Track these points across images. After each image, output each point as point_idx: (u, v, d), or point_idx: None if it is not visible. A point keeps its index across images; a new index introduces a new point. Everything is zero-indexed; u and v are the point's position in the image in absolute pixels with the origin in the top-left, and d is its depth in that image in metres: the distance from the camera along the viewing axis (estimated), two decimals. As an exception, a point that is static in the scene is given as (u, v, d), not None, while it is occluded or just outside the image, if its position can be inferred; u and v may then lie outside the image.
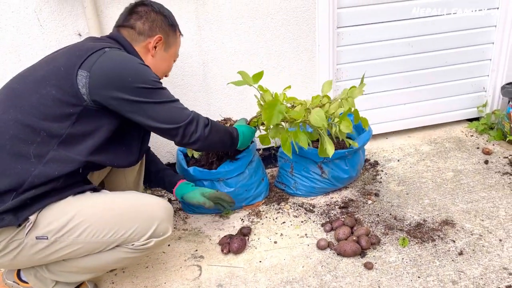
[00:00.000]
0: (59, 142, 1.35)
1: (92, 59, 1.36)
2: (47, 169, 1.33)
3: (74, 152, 1.37)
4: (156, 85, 1.44)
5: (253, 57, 2.26)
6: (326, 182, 2.13)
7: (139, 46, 1.57)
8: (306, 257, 1.78)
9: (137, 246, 1.45)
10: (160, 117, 1.44)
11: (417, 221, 1.94)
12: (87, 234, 1.38)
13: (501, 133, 2.61)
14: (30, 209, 1.33)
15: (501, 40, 2.60)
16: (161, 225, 1.47)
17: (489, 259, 1.68)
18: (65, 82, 1.34)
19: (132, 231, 1.42)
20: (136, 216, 1.44)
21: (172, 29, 1.65)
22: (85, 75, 1.34)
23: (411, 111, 2.72)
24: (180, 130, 1.49)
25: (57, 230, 1.36)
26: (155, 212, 1.48)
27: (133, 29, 1.56)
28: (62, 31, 1.97)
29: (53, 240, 1.36)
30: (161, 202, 1.53)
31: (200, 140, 1.54)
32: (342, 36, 2.39)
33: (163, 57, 1.64)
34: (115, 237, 1.41)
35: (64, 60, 1.38)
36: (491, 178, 2.23)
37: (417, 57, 2.56)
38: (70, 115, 1.36)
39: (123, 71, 1.38)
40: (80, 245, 1.39)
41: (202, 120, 1.56)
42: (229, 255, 1.82)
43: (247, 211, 2.11)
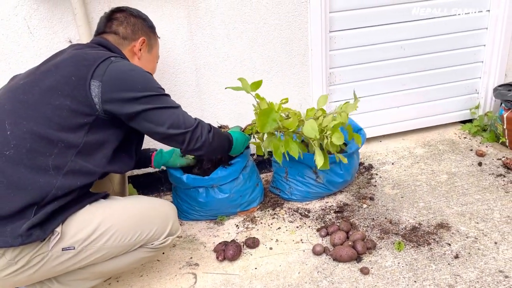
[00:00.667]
0: (76, 153, 1.37)
1: (102, 68, 1.40)
2: (68, 180, 1.34)
3: (92, 162, 1.40)
4: (162, 92, 1.50)
5: (246, 61, 2.25)
6: (321, 186, 2.13)
7: (125, 50, 1.62)
8: (302, 263, 1.77)
9: (156, 245, 1.52)
10: (168, 122, 1.47)
11: (412, 224, 1.93)
12: (115, 239, 1.41)
13: (494, 135, 2.62)
14: (54, 221, 1.33)
15: (492, 42, 2.62)
16: (175, 224, 1.58)
17: (485, 262, 1.68)
18: (79, 92, 1.37)
19: (154, 231, 1.49)
20: (155, 217, 1.51)
21: (152, 31, 1.71)
22: (98, 85, 1.38)
23: (404, 114, 2.72)
24: (188, 135, 1.52)
25: (84, 239, 1.37)
26: (168, 212, 1.57)
27: (117, 35, 1.61)
28: (52, 38, 1.96)
29: (80, 249, 1.37)
30: (168, 202, 1.63)
31: (205, 145, 1.57)
32: (335, 40, 2.39)
33: (148, 59, 1.70)
34: (140, 238, 1.47)
35: (72, 70, 1.39)
36: (485, 180, 2.23)
37: (409, 60, 2.57)
38: (84, 125, 1.38)
39: (132, 79, 1.43)
40: (106, 250, 1.41)
41: (206, 126, 1.60)
42: (224, 262, 1.81)
43: (242, 217, 2.10)
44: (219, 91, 2.27)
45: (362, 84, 2.56)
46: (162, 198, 2.35)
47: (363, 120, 2.56)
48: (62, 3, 1.90)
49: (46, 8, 1.90)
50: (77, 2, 1.85)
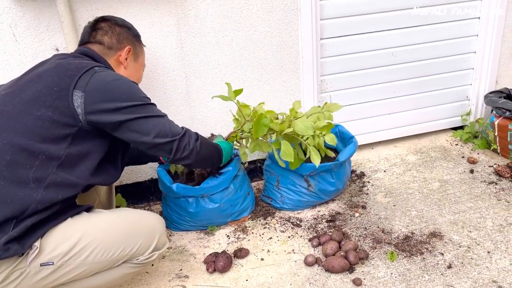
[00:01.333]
0: (58, 165, 1.33)
1: (85, 78, 1.37)
2: (50, 193, 1.30)
3: (74, 174, 1.36)
4: (147, 101, 1.47)
5: (236, 69, 2.23)
6: (312, 195, 2.10)
7: (111, 60, 1.59)
8: (293, 274, 1.74)
9: (142, 260, 1.47)
10: (154, 131, 1.44)
11: (405, 233, 1.91)
12: (96, 254, 1.36)
13: (486, 142, 2.62)
14: (33, 235, 1.28)
15: (483, 50, 2.62)
16: (161, 238, 1.52)
17: (478, 272, 1.67)
18: (61, 103, 1.33)
19: (138, 246, 1.44)
20: (139, 231, 1.46)
21: (137, 40, 1.70)
22: (80, 95, 1.34)
23: (396, 121, 2.71)
24: (175, 144, 1.48)
25: (64, 254, 1.32)
26: (154, 226, 1.51)
27: (102, 45, 1.58)
28: (38, 46, 1.92)
29: (59, 265, 1.32)
30: (156, 215, 1.58)
31: (192, 154, 1.54)
32: (326, 47, 2.38)
33: (135, 67, 1.68)
34: (123, 253, 1.42)
35: (55, 80, 1.36)
36: (477, 188, 2.23)
37: (400, 67, 2.57)
38: (66, 136, 1.35)
39: (116, 89, 1.40)
40: (87, 266, 1.36)
41: (193, 135, 1.57)
42: (214, 274, 1.78)
43: (233, 227, 2.06)
44: (209, 99, 2.24)
45: (354, 91, 2.55)
46: (151, 207, 2.32)
47: (354, 128, 2.54)
48: (49, 10, 1.87)
49: (32, 16, 1.86)
50: (63, 10, 1.82)
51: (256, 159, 2.47)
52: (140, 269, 1.50)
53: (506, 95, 2.56)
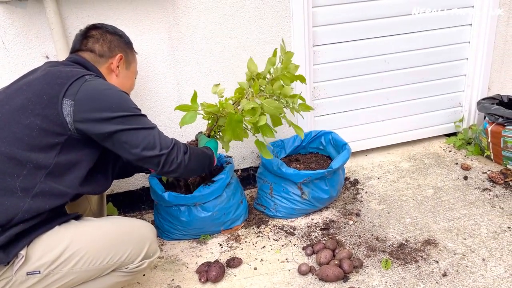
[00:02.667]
0: (46, 174, 1.31)
1: (75, 87, 1.35)
2: (37, 202, 1.28)
3: (63, 184, 1.34)
4: (137, 112, 1.44)
5: (229, 76, 2.22)
6: (306, 203, 2.09)
7: (102, 68, 1.57)
8: (287, 283, 1.71)
9: (131, 268, 1.44)
10: (143, 144, 1.42)
11: (399, 241, 1.90)
12: (83, 262, 1.34)
13: (479, 148, 2.62)
14: (18, 244, 1.26)
15: (475, 56, 2.63)
16: (152, 246, 1.49)
17: (473, 280, 1.65)
18: (50, 111, 1.31)
19: (127, 254, 1.41)
20: (129, 239, 1.43)
21: (129, 47, 1.67)
22: (70, 104, 1.32)
23: (389, 128, 2.71)
24: (163, 158, 1.46)
25: (51, 262, 1.29)
26: (145, 234, 1.49)
27: (93, 52, 1.56)
28: (28, 54, 1.90)
29: (46, 274, 1.30)
30: (146, 223, 1.55)
31: (180, 168, 1.51)
32: (318, 54, 2.38)
33: (126, 75, 1.66)
34: (112, 262, 1.39)
35: (44, 88, 1.34)
36: (471, 195, 2.22)
37: (393, 73, 2.57)
38: (55, 145, 1.33)
39: (106, 98, 1.38)
40: (75, 275, 1.34)
41: (182, 147, 1.54)
42: (207, 284, 1.75)
43: (225, 236, 2.04)
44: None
45: (346, 98, 2.54)
46: (143, 216, 2.29)
47: (348, 135, 2.53)
48: (38, 18, 1.85)
49: (21, 23, 1.84)
50: (53, 17, 1.80)
51: (249, 166, 2.45)
52: (131, 278, 1.48)
53: (498, 102, 2.57)
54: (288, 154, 2.37)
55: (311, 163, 2.27)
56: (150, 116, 2.13)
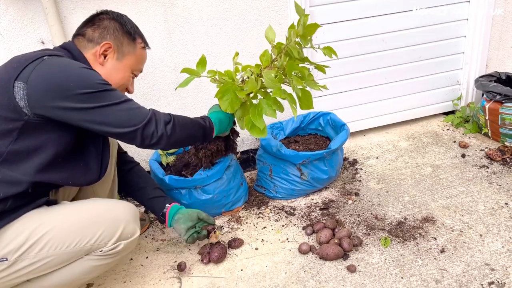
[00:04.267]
0: (0, 161, 1.27)
1: (29, 69, 1.26)
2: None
3: (19, 171, 1.28)
4: (102, 88, 1.32)
5: (226, 58, 2.21)
6: (305, 183, 2.10)
7: (88, 53, 1.47)
8: (288, 262, 1.74)
9: (105, 251, 1.40)
10: (113, 121, 1.32)
11: (398, 219, 1.92)
12: (50, 247, 1.32)
13: (477, 126, 2.63)
14: None
15: (473, 33, 2.62)
16: (127, 227, 1.43)
17: (471, 256, 1.68)
18: (2, 96, 1.25)
19: (97, 236, 1.37)
20: (99, 221, 1.38)
21: (128, 37, 1.52)
22: (22, 87, 1.24)
23: (387, 107, 2.71)
24: (138, 132, 1.36)
25: (17, 248, 1.29)
26: (119, 214, 1.43)
27: (83, 37, 1.47)
28: (24, 39, 1.88)
29: (14, 260, 1.29)
30: (124, 203, 1.49)
31: (162, 139, 1.41)
32: (316, 34, 2.36)
33: (116, 67, 1.50)
34: (80, 245, 1.35)
35: (1, 74, 1.29)
36: (468, 172, 2.24)
37: (391, 52, 2.56)
38: (11, 131, 1.26)
39: (63, 77, 1.27)
40: (44, 260, 1.32)
41: (162, 118, 1.42)
42: (209, 264, 1.77)
43: (226, 217, 2.06)
44: (200, 90, 2.22)
45: (344, 79, 2.54)
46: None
47: (346, 115, 2.54)
48: (33, 3, 1.83)
49: (16, 9, 1.82)
50: (48, 2, 1.79)
51: (248, 149, 2.46)
52: (109, 261, 1.44)
53: (496, 79, 2.56)
54: (287, 136, 2.38)
55: (310, 144, 2.28)
56: (149, 100, 2.14)
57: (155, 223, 2.08)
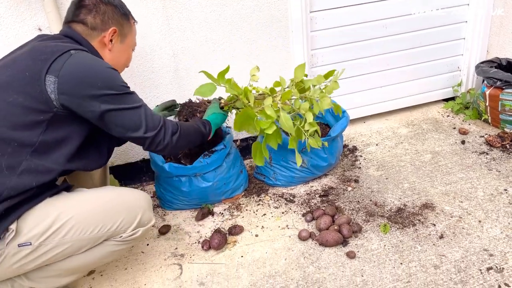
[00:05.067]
0: (31, 151, 1.30)
1: (59, 63, 1.30)
2: (24, 180, 1.28)
3: (49, 161, 1.33)
4: (124, 90, 1.40)
5: (225, 45, 2.19)
6: (305, 171, 2.11)
7: (94, 42, 1.49)
8: (288, 249, 1.75)
9: (125, 237, 1.46)
10: (128, 124, 1.40)
11: (397, 206, 1.93)
12: (74, 232, 1.35)
13: (477, 112, 2.62)
14: (8, 218, 1.27)
15: (474, 19, 2.60)
16: (145, 214, 1.50)
17: (470, 241, 1.69)
18: (33, 88, 1.28)
19: (119, 223, 1.42)
20: (120, 208, 1.44)
21: (125, 18, 1.57)
22: (53, 80, 1.28)
23: (387, 94, 2.70)
24: (149, 139, 1.44)
25: (41, 233, 1.31)
26: (137, 202, 1.49)
27: (85, 25, 1.47)
28: (21, 26, 1.86)
29: (38, 245, 1.32)
30: (140, 192, 1.55)
31: (167, 148, 1.50)
32: (316, 20, 2.34)
33: (121, 49, 1.57)
34: (103, 231, 1.40)
35: (28, 64, 1.30)
36: (468, 159, 2.24)
37: (392, 39, 2.54)
38: (40, 122, 1.30)
39: (91, 75, 1.33)
40: (66, 245, 1.35)
41: (170, 128, 1.50)
42: (209, 251, 1.79)
43: (226, 205, 2.07)
44: (199, 77, 2.21)
45: (344, 65, 2.52)
46: (144, 187, 2.31)
47: (346, 102, 2.53)
48: (29, -11, 1.81)
49: (12, -5, 1.80)
50: (44, -12, 1.76)
51: (248, 136, 2.46)
52: (126, 247, 1.49)
53: (497, 65, 2.55)
54: (287, 123, 2.38)
55: (310, 131, 2.28)
56: (147, 87, 2.13)
57: (155, 210, 2.09)
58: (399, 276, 1.56)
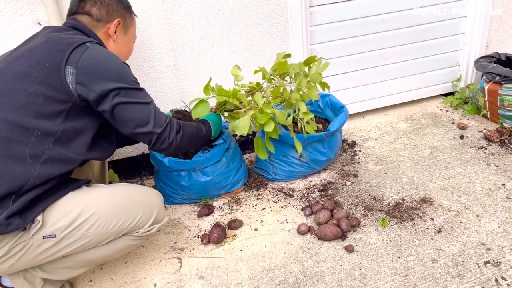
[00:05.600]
0: (54, 140, 1.33)
1: (76, 54, 1.34)
2: (47, 168, 1.31)
3: (70, 150, 1.37)
4: (135, 85, 1.43)
5: (225, 40, 2.19)
6: (304, 165, 2.11)
7: (100, 33, 1.54)
8: (287, 243, 1.76)
9: (142, 233, 1.50)
10: (136, 118, 1.43)
11: (396, 200, 1.94)
12: (97, 226, 1.38)
13: (476, 107, 2.63)
14: (34, 209, 1.30)
15: (473, 14, 2.60)
16: (160, 211, 1.56)
17: (467, 235, 1.70)
18: (54, 79, 1.31)
19: (138, 219, 1.47)
20: (140, 205, 1.49)
21: (127, 11, 1.62)
22: (72, 71, 1.32)
23: (387, 89, 2.71)
24: (154, 136, 1.47)
25: (66, 226, 1.34)
26: (153, 200, 1.55)
27: (90, 16, 1.51)
28: (20, 20, 1.86)
29: (62, 237, 1.34)
30: (153, 190, 1.61)
31: (171, 147, 1.54)
32: (315, 15, 2.34)
33: (124, 41, 1.63)
34: (124, 226, 1.44)
35: (46, 56, 1.33)
36: (466, 153, 2.25)
37: (391, 33, 2.54)
38: (61, 112, 1.34)
39: (107, 68, 1.37)
40: (89, 238, 1.39)
41: (175, 127, 1.54)
42: (209, 245, 1.80)
43: (226, 199, 2.08)
44: (198, 71, 2.21)
45: (344, 60, 2.52)
46: (144, 182, 2.32)
47: (345, 97, 2.53)
48: (28, -17, 1.81)
49: (11, -11, 1.80)
50: (43, -18, 1.76)
51: (247, 131, 2.46)
52: (140, 242, 1.54)
53: (496, 60, 2.55)
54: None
55: (309, 126, 2.28)
56: (147, 82, 2.13)
57: (155, 204, 2.10)
58: (397, 270, 1.57)
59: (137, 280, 1.66)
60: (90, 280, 1.68)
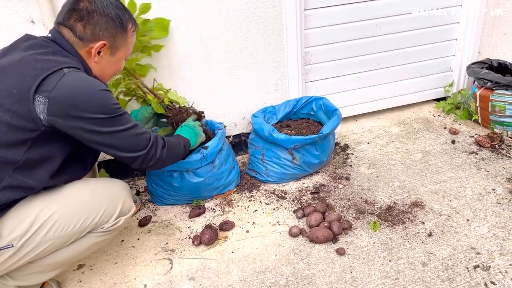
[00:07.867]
0: (14, 168, 1.27)
1: (51, 82, 1.24)
2: (5, 195, 1.27)
3: (32, 178, 1.30)
4: (117, 112, 1.36)
5: (219, 41, 2.19)
6: (297, 168, 2.12)
7: (81, 51, 1.40)
8: (278, 245, 1.76)
9: (107, 228, 1.46)
10: (121, 145, 1.41)
11: (387, 204, 1.95)
12: (56, 229, 1.34)
13: (467, 113, 2.65)
14: None
15: (466, 20, 2.62)
16: (125, 203, 1.50)
17: (457, 240, 1.71)
18: (20, 107, 1.23)
19: (101, 214, 1.42)
20: (101, 200, 1.44)
21: (120, 31, 1.44)
22: (44, 101, 1.23)
23: (380, 93, 2.72)
24: (140, 159, 1.46)
25: (22, 234, 1.30)
26: (117, 192, 1.50)
27: (73, 32, 1.37)
28: (13, 18, 1.85)
29: (20, 246, 1.30)
30: (118, 181, 1.56)
31: (158, 163, 1.53)
32: (310, 18, 2.35)
33: (110, 62, 1.48)
34: (85, 224, 1.40)
35: (17, 79, 1.25)
36: (458, 158, 2.26)
37: (385, 38, 2.55)
38: (26, 141, 1.27)
39: (84, 100, 1.28)
40: (49, 242, 1.35)
41: (160, 143, 1.53)
42: (200, 246, 1.79)
43: (218, 200, 2.07)
44: (193, 73, 2.21)
45: (338, 63, 2.53)
46: (136, 182, 2.31)
47: (338, 100, 2.54)
48: (22, -20, 1.79)
49: (4, -14, 1.79)
50: (37, -20, 1.75)
51: (240, 133, 2.47)
52: (109, 237, 1.50)
53: (488, 66, 2.58)
54: (280, 120, 2.39)
55: (302, 128, 2.29)
56: (140, 82, 2.12)
57: (146, 205, 2.09)
58: (387, 273, 1.58)
59: (127, 281, 1.65)
60: (80, 281, 1.66)
